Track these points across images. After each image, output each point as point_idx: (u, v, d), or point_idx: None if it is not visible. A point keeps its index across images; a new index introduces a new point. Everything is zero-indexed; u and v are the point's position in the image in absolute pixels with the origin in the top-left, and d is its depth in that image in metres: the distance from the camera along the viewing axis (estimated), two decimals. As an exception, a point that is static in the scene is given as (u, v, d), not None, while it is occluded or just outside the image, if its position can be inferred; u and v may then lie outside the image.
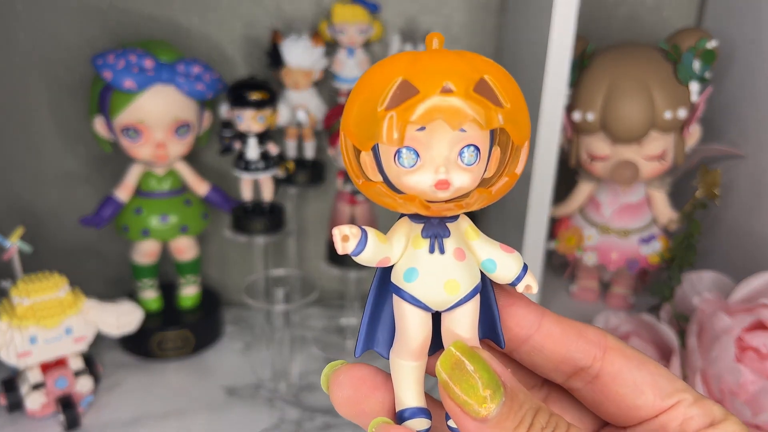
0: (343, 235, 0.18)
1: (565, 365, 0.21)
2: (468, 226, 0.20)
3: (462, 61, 0.18)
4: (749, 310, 0.49)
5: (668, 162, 0.60)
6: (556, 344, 0.21)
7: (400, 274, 0.20)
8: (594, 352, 0.21)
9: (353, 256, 0.19)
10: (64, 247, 0.70)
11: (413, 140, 0.18)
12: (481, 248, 0.20)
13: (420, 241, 0.19)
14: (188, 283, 0.67)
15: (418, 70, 0.17)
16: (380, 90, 0.17)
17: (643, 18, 0.68)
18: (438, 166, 0.18)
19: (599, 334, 0.21)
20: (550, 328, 0.21)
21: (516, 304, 0.21)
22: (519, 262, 0.20)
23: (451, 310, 0.20)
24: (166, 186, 0.62)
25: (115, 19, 0.64)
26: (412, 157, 0.18)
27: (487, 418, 0.18)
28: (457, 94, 0.17)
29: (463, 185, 0.19)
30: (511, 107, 0.18)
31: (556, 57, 0.48)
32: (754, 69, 0.60)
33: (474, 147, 0.18)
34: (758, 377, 0.47)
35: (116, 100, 0.56)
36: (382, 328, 0.21)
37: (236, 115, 0.58)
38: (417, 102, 0.17)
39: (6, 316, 0.52)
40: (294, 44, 0.60)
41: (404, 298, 0.20)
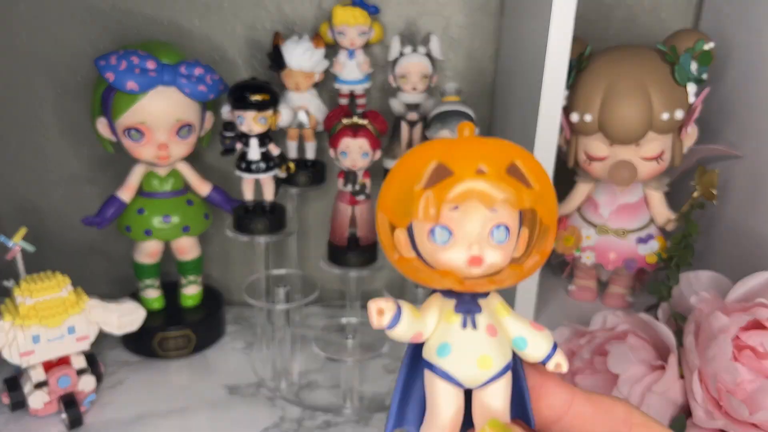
0: (379, 308, 0.19)
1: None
2: (498, 303, 0.21)
3: (493, 146, 0.19)
4: (746, 310, 0.50)
5: (666, 162, 0.61)
6: (586, 424, 0.21)
7: (433, 350, 0.20)
8: (620, 429, 0.21)
9: (387, 330, 0.19)
10: (67, 246, 0.71)
11: (447, 219, 0.19)
12: (513, 325, 0.20)
13: (453, 317, 0.20)
14: (190, 283, 0.67)
15: (453, 154, 0.18)
16: (417, 171, 0.18)
17: (641, 20, 0.69)
18: (471, 244, 0.19)
19: (626, 410, 0.22)
20: (582, 408, 0.21)
21: (546, 384, 0.21)
22: (550, 341, 0.21)
23: (484, 386, 0.20)
24: (168, 186, 0.62)
25: (117, 21, 0.65)
26: (445, 235, 0.19)
27: None
28: (489, 176, 0.18)
29: (495, 262, 0.19)
30: (540, 189, 0.19)
31: (554, 58, 0.49)
32: (751, 70, 0.61)
33: (504, 227, 0.19)
34: (755, 376, 0.47)
35: (119, 101, 0.57)
36: (413, 405, 0.21)
37: (238, 116, 0.58)
38: (453, 183, 0.18)
39: (9, 315, 0.53)
40: (295, 46, 0.60)
41: (437, 373, 0.20)
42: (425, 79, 0.62)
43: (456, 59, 0.69)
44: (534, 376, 0.21)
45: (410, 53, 0.61)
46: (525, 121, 0.55)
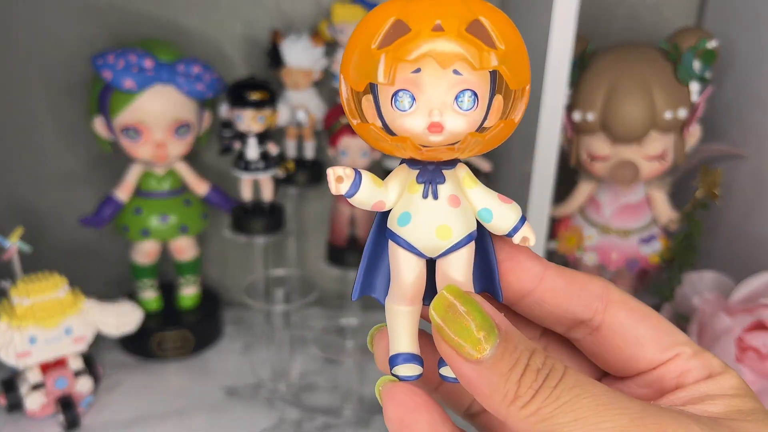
0: (337, 176, 0.18)
1: (566, 318, 0.21)
2: (465, 174, 0.20)
3: (458, 2, 0.17)
4: (749, 311, 0.49)
5: (668, 162, 0.60)
6: (558, 298, 0.21)
7: (395, 219, 0.20)
8: (596, 305, 0.21)
9: (347, 198, 0.19)
10: (64, 247, 0.70)
11: (409, 83, 0.18)
12: (478, 197, 0.20)
13: (415, 186, 0.19)
14: (188, 283, 0.66)
15: (412, 10, 0.17)
16: (375, 30, 0.17)
17: (644, 18, 0.68)
18: (432, 110, 0.18)
19: (602, 286, 0.21)
20: (553, 282, 0.21)
21: (516, 258, 0.21)
22: (517, 213, 0.20)
23: (445, 256, 0.20)
24: (166, 186, 0.62)
25: (114, 19, 0.64)
26: (407, 100, 0.18)
27: (482, 360, 0.18)
28: (448, 33, 0.17)
29: (458, 130, 0.18)
30: (507, 49, 0.18)
31: (556, 57, 0.48)
32: (755, 69, 0.60)
33: (471, 92, 0.18)
34: (758, 377, 0.47)
35: (116, 100, 0.56)
36: (380, 275, 0.21)
37: (236, 115, 0.58)
38: (408, 41, 0.17)
39: (6, 316, 0.52)
40: (294, 44, 0.59)
41: (398, 242, 0.20)
42: (425, 77, 0.62)
43: (456, 58, 0.68)
44: (503, 249, 0.21)
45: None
46: (527, 120, 0.54)
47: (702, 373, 0.20)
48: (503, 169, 0.63)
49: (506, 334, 0.18)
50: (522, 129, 0.56)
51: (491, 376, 0.18)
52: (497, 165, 0.64)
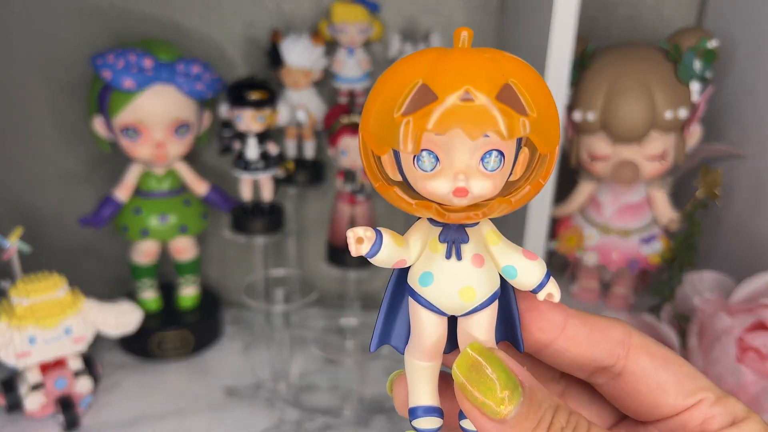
0: (357, 237, 0.18)
1: (588, 365, 0.21)
2: (489, 231, 0.20)
3: (487, 62, 0.17)
4: (750, 311, 0.49)
5: (669, 162, 0.60)
6: (581, 347, 0.21)
7: (416, 278, 0.19)
8: (618, 352, 0.21)
9: (368, 258, 0.19)
10: (64, 247, 0.70)
11: (433, 144, 0.17)
12: (502, 254, 0.19)
13: (437, 245, 0.19)
14: (188, 284, 0.66)
15: (439, 71, 0.16)
16: (399, 92, 0.17)
17: (644, 17, 0.68)
18: (457, 173, 0.17)
19: (624, 332, 0.21)
20: (576, 330, 0.21)
21: (539, 308, 0.21)
22: (542, 269, 0.20)
23: (468, 315, 0.19)
24: (166, 186, 0.62)
25: (114, 19, 0.64)
26: (431, 161, 0.17)
27: (506, 419, 0.18)
28: (477, 104, 0.16)
29: (483, 193, 0.18)
30: (538, 115, 0.17)
31: (557, 57, 0.48)
32: (755, 68, 0.60)
33: (498, 152, 0.17)
34: (759, 377, 0.47)
35: (115, 99, 0.56)
36: (399, 324, 0.21)
37: (236, 114, 0.57)
38: (434, 109, 0.16)
39: (5, 316, 0.52)
40: (294, 44, 0.59)
41: (419, 301, 0.19)
42: (426, 77, 0.62)
43: (457, 57, 0.68)
44: (525, 300, 0.21)
45: (410, 51, 0.61)
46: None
47: (726, 419, 0.20)
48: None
49: (530, 392, 0.18)
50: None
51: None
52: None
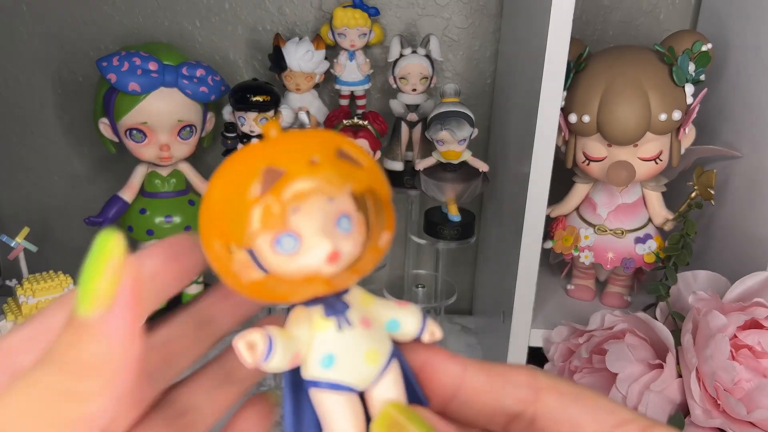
0: (248, 342, 0.17)
1: (498, 415, 0.20)
2: (361, 293, 0.20)
3: (314, 137, 0.18)
4: (744, 309, 0.50)
5: (664, 163, 0.61)
6: (484, 395, 0.20)
7: (317, 365, 0.18)
8: (524, 396, 0.20)
9: (263, 364, 0.17)
10: (69, 246, 0.71)
11: (288, 226, 0.17)
12: (380, 310, 0.20)
13: (324, 323, 0.18)
14: (192, 282, 0.67)
15: (279, 153, 0.17)
16: (245, 181, 0.16)
17: (639, 21, 0.69)
18: (322, 240, 0.17)
19: (529, 375, 0.20)
20: (475, 378, 0.20)
21: (432, 362, 0.20)
22: (419, 312, 0.20)
23: (375, 384, 0.19)
24: (170, 186, 0.63)
25: (119, 23, 0.65)
26: (291, 242, 0.17)
27: None
28: (324, 166, 0.17)
29: (351, 252, 0.18)
30: (369, 167, 0.18)
31: (553, 60, 0.49)
32: (749, 71, 0.61)
33: (346, 216, 0.18)
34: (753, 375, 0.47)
35: (121, 102, 0.57)
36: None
37: (239, 116, 0.58)
38: (288, 181, 0.17)
39: (12, 314, 0.53)
40: (296, 47, 0.60)
41: (326, 387, 0.18)
42: (425, 80, 0.63)
43: (455, 60, 0.69)
44: (418, 357, 0.20)
45: (410, 54, 0.62)
46: (524, 122, 0.55)
47: None
48: (500, 170, 0.64)
49: None
50: (519, 131, 0.57)
51: None
52: (494, 166, 0.65)
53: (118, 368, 0.15)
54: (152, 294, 0.18)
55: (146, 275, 0.17)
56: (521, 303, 0.57)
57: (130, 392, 0.15)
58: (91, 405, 0.14)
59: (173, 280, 0.18)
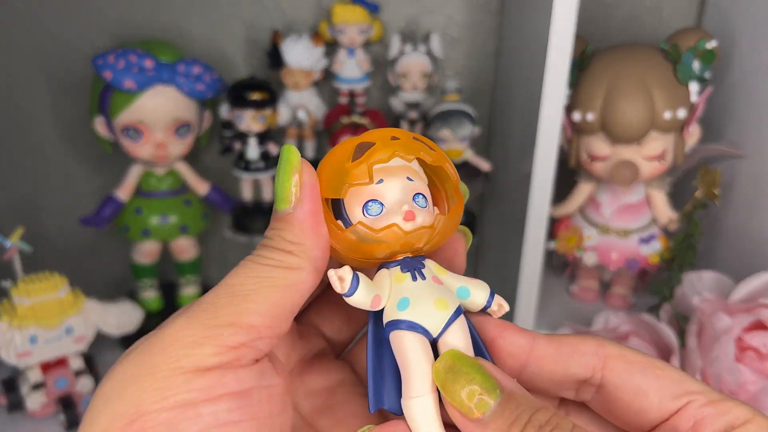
0: (339, 276, 0.20)
1: (567, 381, 0.21)
2: (435, 265, 0.23)
3: (392, 130, 0.22)
4: (749, 310, 0.49)
5: (668, 162, 0.60)
6: (553, 364, 0.21)
7: (394, 308, 0.21)
8: (592, 363, 0.21)
9: (348, 297, 0.21)
10: (65, 247, 0.71)
11: (375, 194, 0.21)
12: (452, 279, 0.23)
13: (402, 276, 0.22)
14: (188, 283, 0.67)
15: (366, 137, 0.22)
16: (344, 154, 0.21)
17: (643, 18, 0.68)
18: (402, 203, 0.21)
19: (596, 344, 0.21)
20: (543, 350, 0.21)
21: (503, 334, 0.22)
22: (486, 287, 0.23)
23: (444, 333, 0.21)
24: (166, 186, 0.62)
25: (115, 20, 0.64)
26: (377, 207, 0.21)
27: (482, 418, 0.18)
28: (403, 141, 0.21)
29: (425, 221, 0.22)
30: (439, 152, 0.22)
31: (556, 57, 0.48)
32: (754, 69, 0.61)
33: (422, 194, 0.22)
34: (758, 377, 0.47)
35: (116, 100, 0.56)
36: (388, 385, 0.22)
37: (236, 115, 0.58)
38: (377, 149, 0.21)
39: (6, 316, 0.52)
40: (294, 44, 0.60)
41: (402, 327, 0.21)
42: (425, 77, 0.62)
43: (456, 58, 0.68)
44: (490, 330, 0.22)
45: (410, 52, 0.61)
46: (526, 120, 0.54)
47: (721, 422, 0.19)
48: (503, 169, 0.63)
49: (509, 394, 0.19)
50: (521, 129, 0.56)
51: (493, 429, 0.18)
52: (496, 165, 0.64)
53: (312, 247, 0.20)
54: None
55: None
56: (524, 304, 0.57)
57: (322, 268, 0.20)
58: (297, 274, 0.20)
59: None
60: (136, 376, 0.18)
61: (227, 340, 0.18)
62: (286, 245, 0.20)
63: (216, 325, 0.18)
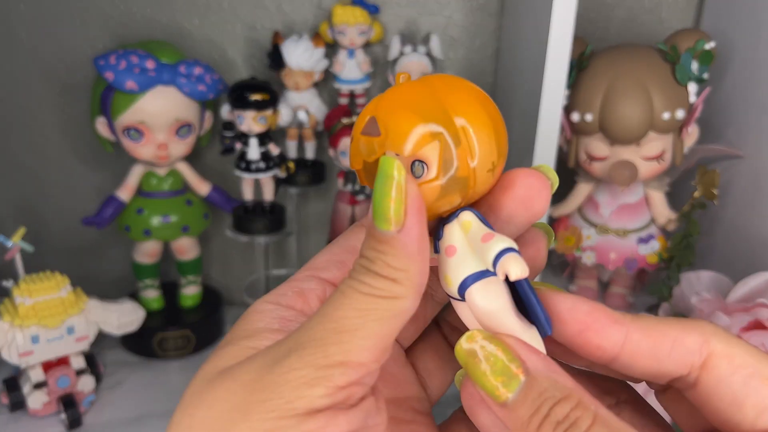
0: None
1: (659, 377, 0.19)
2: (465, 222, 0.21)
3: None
4: (747, 310, 0.49)
5: (667, 162, 0.60)
6: (647, 360, 0.19)
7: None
8: (691, 361, 0.18)
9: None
10: (66, 246, 0.71)
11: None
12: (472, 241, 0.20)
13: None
14: (189, 283, 0.67)
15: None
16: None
17: (642, 19, 0.69)
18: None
19: (701, 339, 0.18)
20: (637, 345, 0.19)
21: (593, 327, 0.19)
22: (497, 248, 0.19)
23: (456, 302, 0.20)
24: (168, 186, 0.62)
25: (116, 21, 0.64)
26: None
27: (506, 404, 0.17)
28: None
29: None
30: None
31: (555, 58, 0.49)
32: (752, 70, 0.61)
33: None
34: (756, 376, 0.47)
35: (118, 101, 0.57)
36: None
37: (237, 115, 0.58)
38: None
39: (8, 315, 0.53)
40: (295, 45, 0.60)
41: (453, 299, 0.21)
42: (425, 78, 0.62)
43: (456, 59, 0.69)
44: (577, 320, 0.19)
45: (410, 53, 0.61)
46: (525, 121, 0.54)
47: None
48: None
49: (533, 379, 0.17)
50: (520, 130, 0.56)
51: (514, 419, 0.17)
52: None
53: (417, 273, 0.18)
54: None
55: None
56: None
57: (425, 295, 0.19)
58: (401, 303, 0.18)
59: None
60: (246, 412, 0.17)
61: (338, 380, 0.17)
62: (390, 272, 0.18)
63: (327, 365, 0.17)
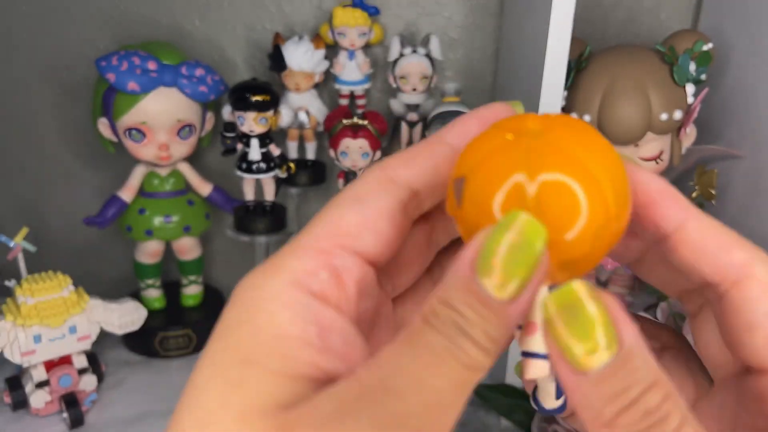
0: None
1: (691, 276, 0.18)
2: None
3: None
4: (744, 309, 0.50)
5: (665, 163, 0.61)
6: (689, 254, 0.18)
7: None
8: (730, 275, 0.17)
9: None
10: (68, 246, 0.71)
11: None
12: None
13: None
14: (191, 283, 0.67)
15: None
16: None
17: (640, 20, 0.69)
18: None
19: (747, 258, 0.17)
20: (690, 235, 0.18)
21: (657, 203, 0.18)
22: None
23: None
24: (169, 186, 0.63)
25: (117, 22, 0.65)
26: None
27: (588, 373, 0.15)
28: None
29: None
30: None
31: (554, 59, 0.49)
32: (750, 71, 0.61)
33: None
34: (753, 375, 0.47)
35: (120, 101, 0.57)
36: None
37: (238, 116, 0.58)
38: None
39: (10, 315, 0.53)
40: (295, 47, 0.60)
41: None
42: (425, 79, 0.62)
43: (456, 60, 0.69)
44: (645, 194, 0.18)
45: (410, 54, 0.61)
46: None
47: None
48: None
49: (627, 353, 0.15)
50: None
51: (592, 393, 0.15)
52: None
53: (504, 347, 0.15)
54: None
55: None
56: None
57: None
58: (480, 375, 0.15)
59: None
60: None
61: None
62: (486, 342, 0.15)
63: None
